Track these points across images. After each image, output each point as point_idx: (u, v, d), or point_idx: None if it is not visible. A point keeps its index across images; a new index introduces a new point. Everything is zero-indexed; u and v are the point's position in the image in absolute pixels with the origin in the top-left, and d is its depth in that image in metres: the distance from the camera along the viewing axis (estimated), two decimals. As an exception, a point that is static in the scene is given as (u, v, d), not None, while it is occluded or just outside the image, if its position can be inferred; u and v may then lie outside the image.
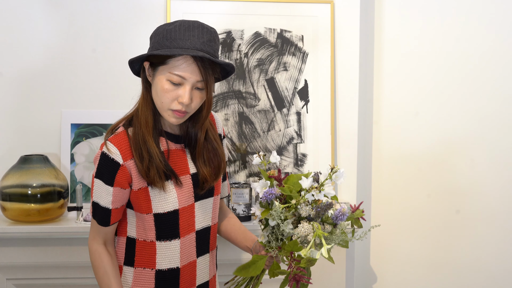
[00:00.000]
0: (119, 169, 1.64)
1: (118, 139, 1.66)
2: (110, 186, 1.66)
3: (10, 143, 2.44)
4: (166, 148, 1.71)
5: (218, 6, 2.47)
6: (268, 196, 1.59)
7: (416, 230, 2.65)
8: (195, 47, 1.58)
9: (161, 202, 1.68)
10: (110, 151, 1.64)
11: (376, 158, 2.65)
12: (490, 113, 2.59)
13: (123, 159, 1.64)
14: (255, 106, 2.50)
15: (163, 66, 1.61)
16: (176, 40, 1.59)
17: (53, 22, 2.45)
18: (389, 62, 2.61)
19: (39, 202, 2.27)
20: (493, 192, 2.61)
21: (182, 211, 1.71)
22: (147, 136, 1.66)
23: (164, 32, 1.62)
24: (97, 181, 1.68)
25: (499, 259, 2.62)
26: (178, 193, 1.70)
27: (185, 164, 1.74)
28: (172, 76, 1.60)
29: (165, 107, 1.63)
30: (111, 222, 1.70)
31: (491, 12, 2.58)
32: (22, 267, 2.33)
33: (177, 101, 1.62)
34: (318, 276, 2.45)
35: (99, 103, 2.47)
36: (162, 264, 1.72)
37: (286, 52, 2.51)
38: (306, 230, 1.53)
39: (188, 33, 1.59)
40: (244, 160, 2.49)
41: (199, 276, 1.78)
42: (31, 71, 2.44)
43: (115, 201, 1.68)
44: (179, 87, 1.61)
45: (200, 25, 1.61)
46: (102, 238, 1.72)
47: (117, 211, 1.70)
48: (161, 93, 1.62)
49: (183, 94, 1.61)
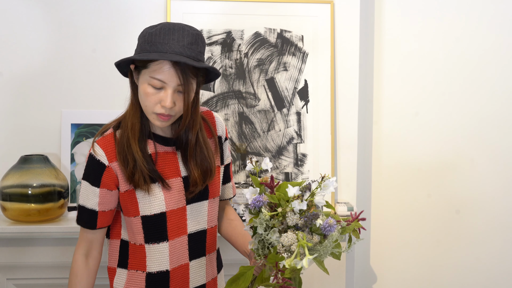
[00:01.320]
0: (105, 170, 1.66)
1: (104, 141, 1.68)
2: (97, 187, 1.67)
3: (10, 143, 2.44)
4: (154, 150, 1.70)
5: (218, 6, 2.47)
6: (256, 203, 1.58)
7: (416, 230, 2.65)
8: (174, 51, 1.58)
9: (147, 205, 1.68)
10: (96, 152, 1.66)
11: (376, 158, 2.65)
12: (490, 113, 2.59)
13: (109, 160, 1.66)
14: (255, 106, 2.50)
15: (145, 70, 1.61)
16: (156, 44, 1.59)
17: (53, 22, 2.45)
18: (389, 62, 2.61)
19: (39, 202, 2.27)
20: (493, 192, 2.61)
21: (171, 214, 1.71)
22: (131, 140, 1.66)
23: (147, 36, 1.62)
24: (84, 183, 1.69)
25: (499, 259, 2.62)
26: (165, 195, 1.69)
27: (176, 166, 1.73)
28: (153, 80, 1.59)
29: (149, 111, 1.63)
30: (97, 226, 1.70)
31: (491, 12, 2.58)
32: (22, 267, 2.33)
33: (160, 105, 1.61)
34: (318, 276, 2.45)
35: (99, 103, 2.47)
36: (152, 267, 1.72)
37: (286, 52, 2.51)
38: (290, 240, 1.51)
39: (168, 36, 1.59)
40: (244, 160, 2.49)
41: (193, 279, 1.78)
42: (31, 71, 2.44)
43: (102, 203, 1.68)
44: (161, 90, 1.60)
45: (181, 28, 1.60)
46: (86, 247, 1.73)
47: (104, 214, 1.70)
48: (144, 97, 1.62)
49: (165, 98, 1.60)
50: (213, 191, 1.80)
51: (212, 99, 2.48)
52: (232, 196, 1.94)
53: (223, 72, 2.48)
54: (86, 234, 1.73)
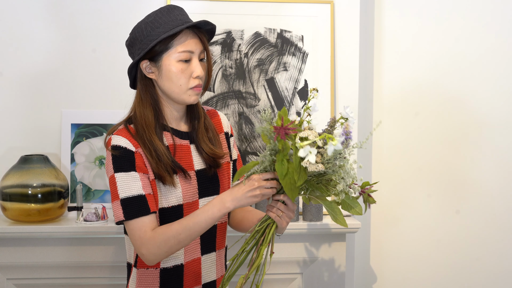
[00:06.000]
0: (135, 155, 1.64)
1: (122, 132, 1.67)
2: (134, 171, 1.63)
3: (10, 143, 2.44)
4: (172, 142, 1.71)
5: (218, 6, 2.47)
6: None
7: (416, 230, 2.65)
8: (186, 21, 1.67)
9: (166, 196, 1.68)
10: (120, 142, 1.64)
11: (376, 158, 2.65)
12: (490, 113, 2.59)
13: (135, 147, 1.65)
14: (255, 106, 2.50)
15: (167, 52, 1.65)
16: (167, 23, 1.64)
17: (53, 22, 2.45)
18: (389, 61, 2.61)
19: (39, 202, 2.28)
20: (493, 192, 2.61)
21: (186, 207, 1.71)
22: (152, 136, 1.66)
23: (146, 26, 1.66)
24: (118, 176, 1.63)
25: (499, 259, 2.63)
26: (183, 188, 1.70)
27: (190, 160, 1.74)
28: (183, 54, 1.65)
29: (183, 89, 1.67)
30: (151, 209, 1.62)
31: (491, 11, 2.58)
32: (22, 267, 2.33)
33: (192, 78, 1.66)
34: (318, 276, 2.45)
35: (99, 103, 2.47)
36: (167, 261, 1.72)
37: (286, 52, 2.51)
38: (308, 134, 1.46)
39: (172, 13, 1.67)
40: (244, 160, 2.49)
41: (204, 274, 1.78)
42: (31, 71, 2.45)
43: (145, 186, 1.63)
44: (189, 63, 1.66)
45: (174, 6, 1.69)
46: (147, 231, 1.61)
47: (151, 197, 1.64)
48: (177, 75, 1.65)
49: (195, 67, 1.67)
50: (224, 186, 1.81)
51: (212, 99, 2.48)
52: None
53: (223, 72, 2.48)
54: (142, 223, 1.61)
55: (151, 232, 1.61)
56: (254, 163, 1.57)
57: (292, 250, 2.42)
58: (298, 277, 2.45)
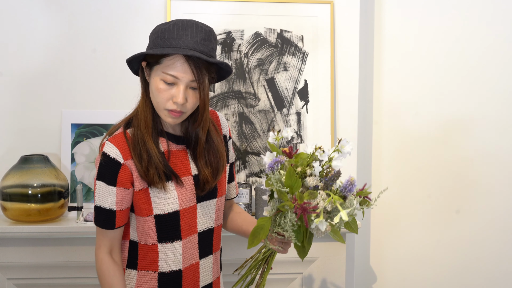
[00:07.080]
0: (121, 168, 1.65)
1: (117, 139, 1.67)
2: (113, 186, 1.65)
3: (10, 143, 2.45)
4: (167, 148, 1.71)
5: (218, 6, 2.48)
6: (272, 165, 1.56)
7: (416, 230, 2.65)
8: (188, 46, 1.58)
9: (161, 203, 1.68)
10: (110, 151, 1.65)
11: (376, 158, 2.65)
12: (490, 113, 2.60)
13: (124, 158, 1.65)
14: (255, 106, 2.51)
15: (157, 66, 1.61)
16: (169, 40, 1.59)
17: (53, 22, 2.45)
18: (389, 62, 2.61)
19: (39, 202, 2.28)
20: (493, 192, 2.61)
21: (183, 212, 1.71)
22: (146, 136, 1.66)
23: (159, 32, 1.62)
24: (99, 184, 1.67)
25: (499, 259, 2.63)
26: (179, 194, 1.70)
27: (187, 165, 1.73)
28: (166, 76, 1.60)
29: (160, 107, 1.63)
30: (116, 225, 1.69)
31: (491, 11, 2.58)
32: (22, 267, 2.33)
33: (171, 101, 1.61)
34: (318, 276, 2.45)
35: (99, 103, 2.47)
36: (165, 266, 1.72)
37: (286, 52, 2.51)
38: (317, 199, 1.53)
39: (181, 32, 1.59)
40: (244, 160, 2.49)
41: (202, 278, 1.78)
42: (31, 71, 2.45)
43: (119, 202, 1.67)
44: (173, 86, 1.61)
45: (194, 24, 1.61)
46: (108, 246, 1.71)
47: (122, 213, 1.69)
48: (156, 93, 1.62)
49: (177, 94, 1.60)
50: (221, 190, 1.81)
51: (212, 99, 2.48)
52: (235, 196, 1.94)
53: (223, 72, 2.48)
54: (106, 234, 1.70)
55: (102, 255, 1.70)
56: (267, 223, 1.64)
57: (292, 250, 2.42)
58: (298, 277, 2.45)
